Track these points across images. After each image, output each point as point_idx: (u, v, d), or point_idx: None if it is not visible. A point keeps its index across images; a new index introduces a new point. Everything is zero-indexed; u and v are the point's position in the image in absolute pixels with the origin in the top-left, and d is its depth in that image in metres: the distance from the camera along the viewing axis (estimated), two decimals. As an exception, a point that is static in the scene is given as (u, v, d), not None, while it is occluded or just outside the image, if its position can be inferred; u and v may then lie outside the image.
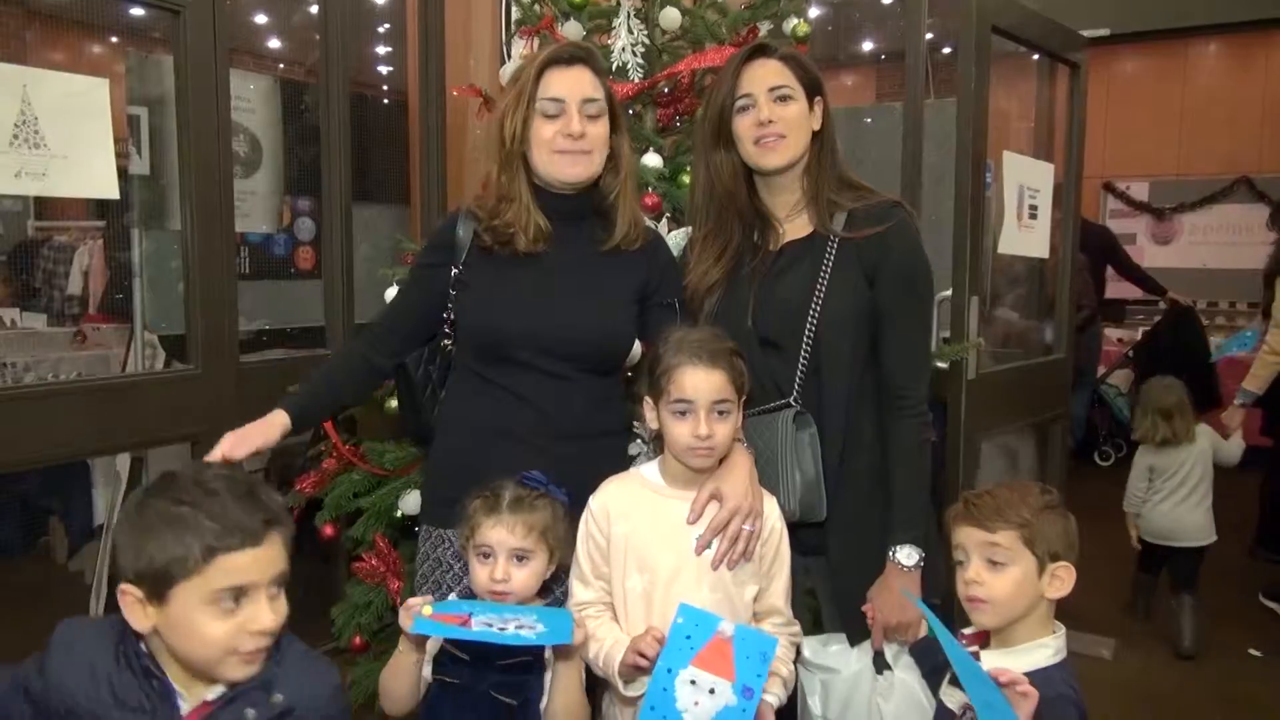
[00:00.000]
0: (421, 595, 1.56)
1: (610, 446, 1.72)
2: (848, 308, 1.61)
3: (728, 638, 1.36)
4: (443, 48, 3.25)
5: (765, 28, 2.31)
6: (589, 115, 1.61)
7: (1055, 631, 1.37)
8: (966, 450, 2.81)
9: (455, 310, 1.71)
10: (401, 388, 1.80)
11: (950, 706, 1.38)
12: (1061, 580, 1.36)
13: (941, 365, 2.67)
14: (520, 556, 1.46)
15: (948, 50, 5.20)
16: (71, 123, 2.31)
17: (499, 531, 1.45)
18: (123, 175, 2.58)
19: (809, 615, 1.77)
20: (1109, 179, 7.34)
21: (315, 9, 3.09)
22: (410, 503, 2.17)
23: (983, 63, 2.81)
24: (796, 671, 1.60)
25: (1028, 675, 1.26)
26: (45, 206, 5.57)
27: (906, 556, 1.57)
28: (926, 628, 1.54)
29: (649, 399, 1.52)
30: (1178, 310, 5.58)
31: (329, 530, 2.31)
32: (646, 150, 2.23)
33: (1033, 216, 3.10)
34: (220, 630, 1.12)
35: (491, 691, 1.43)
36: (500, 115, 1.64)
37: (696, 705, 1.34)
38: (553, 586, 1.59)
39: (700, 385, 1.45)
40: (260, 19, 5.67)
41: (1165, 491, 3.29)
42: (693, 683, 1.35)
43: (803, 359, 1.61)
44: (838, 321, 1.60)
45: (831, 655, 1.65)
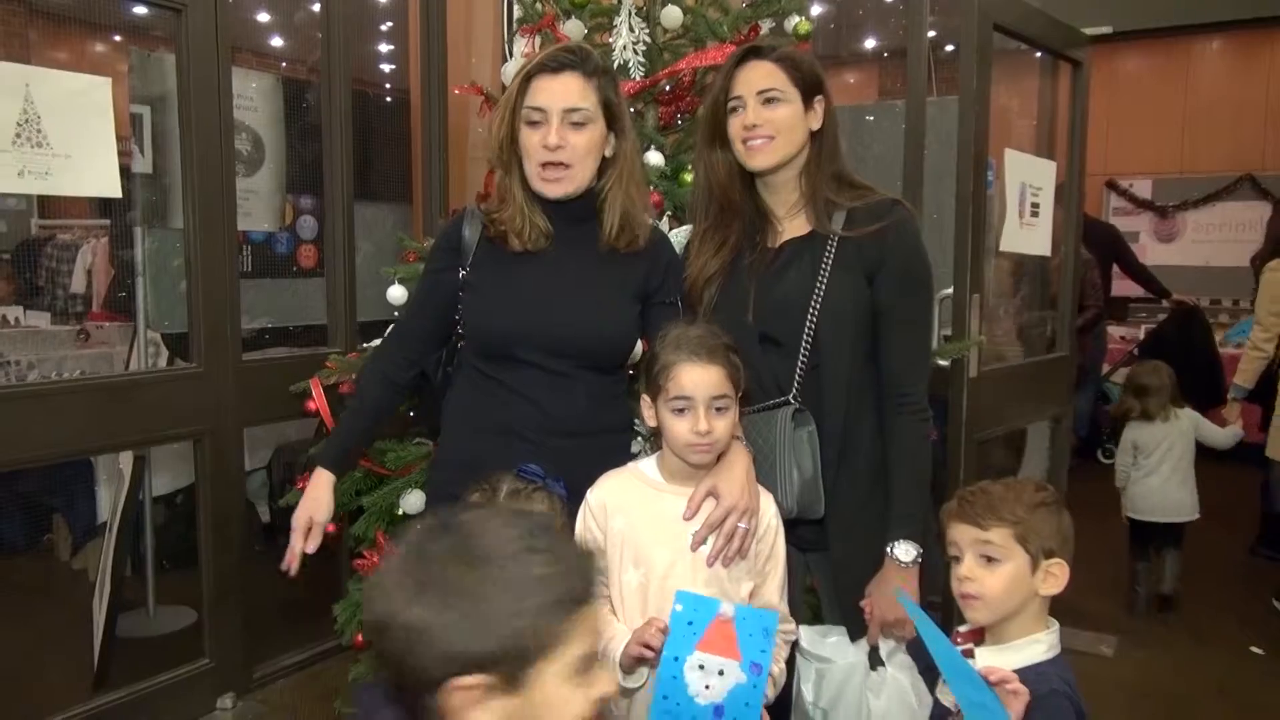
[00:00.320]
0: None
1: (612, 443, 1.72)
2: (847, 305, 1.61)
3: (729, 618, 1.38)
4: (444, 46, 3.25)
5: (767, 25, 2.30)
6: (573, 123, 1.61)
7: (1049, 627, 1.38)
8: (967, 448, 2.81)
9: (461, 310, 1.72)
10: (421, 392, 1.82)
11: (946, 704, 1.38)
12: (1055, 577, 1.36)
13: (943, 363, 2.67)
14: None
15: (950, 48, 5.18)
16: (74, 121, 2.32)
17: None
18: (125, 174, 2.59)
19: (809, 612, 1.78)
20: (1112, 176, 7.33)
21: (317, 7, 3.10)
22: (412, 501, 2.17)
23: (985, 60, 2.81)
24: (793, 657, 1.61)
25: (1021, 672, 1.26)
26: (49, 205, 5.58)
27: (904, 553, 1.57)
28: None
29: (646, 397, 1.53)
30: (1184, 309, 5.57)
31: (331, 528, 2.30)
32: (648, 148, 2.23)
33: (1034, 214, 3.10)
34: (583, 706, 0.91)
35: None
36: (491, 121, 1.68)
37: (708, 688, 1.36)
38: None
39: (698, 381, 1.46)
40: (262, 17, 5.67)
41: (1147, 468, 3.47)
42: (701, 667, 1.37)
43: (802, 356, 1.62)
44: (837, 319, 1.61)
45: (828, 646, 1.66)
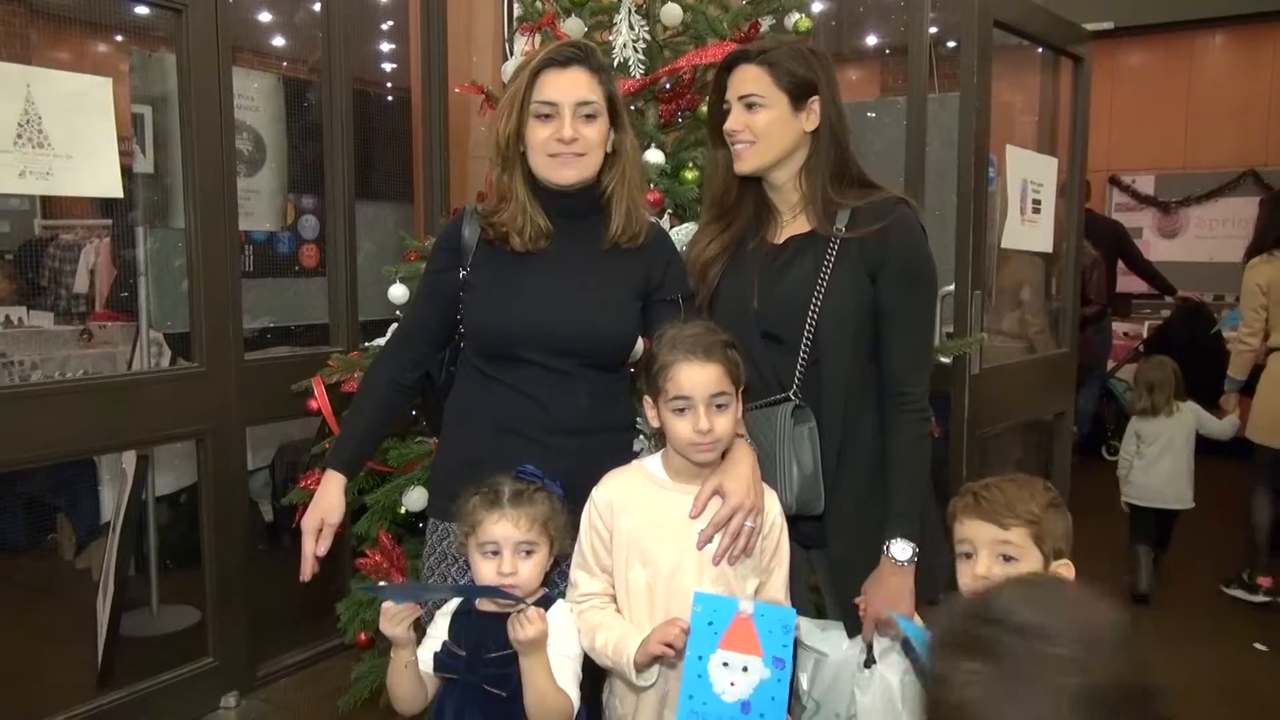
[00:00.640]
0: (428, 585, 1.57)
1: (614, 442, 1.72)
2: (849, 303, 1.61)
3: (748, 616, 1.39)
4: (445, 45, 3.25)
5: (767, 23, 2.30)
6: (584, 116, 1.62)
7: None
8: (969, 445, 2.81)
9: (462, 310, 1.72)
10: (425, 392, 1.81)
11: None
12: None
13: (945, 360, 2.67)
14: (527, 550, 1.47)
15: (951, 44, 5.16)
16: (75, 122, 2.32)
17: (504, 526, 1.45)
18: (127, 174, 2.59)
19: (813, 610, 1.78)
20: (1114, 172, 7.31)
21: (318, 6, 3.10)
22: (414, 499, 2.18)
23: (986, 56, 2.80)
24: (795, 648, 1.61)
25: None
26: (52, 205, 5.59)
27: (900, 551, 1.57)
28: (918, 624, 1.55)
29: (648, 398, 1.53)
30: (1189, 305, 5.55)
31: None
32: (648, 146, 2.23)
33: (1036, 211, 3.10)
34: None
35: (482, 684, 1.45)
36: (495, 118, 1.66)
37: (733, 685, 1.38)
38: (556, 580, 1.60)
39: (697, 380, 1.46)
40: (263, 17, 5.67)
41: (1149, 458, 3.64)
42: (725, 665, 1.38)
43: (803, 352, 1.62)
44: (838, 316, 1.61)
45: (823, 639, 1.67)
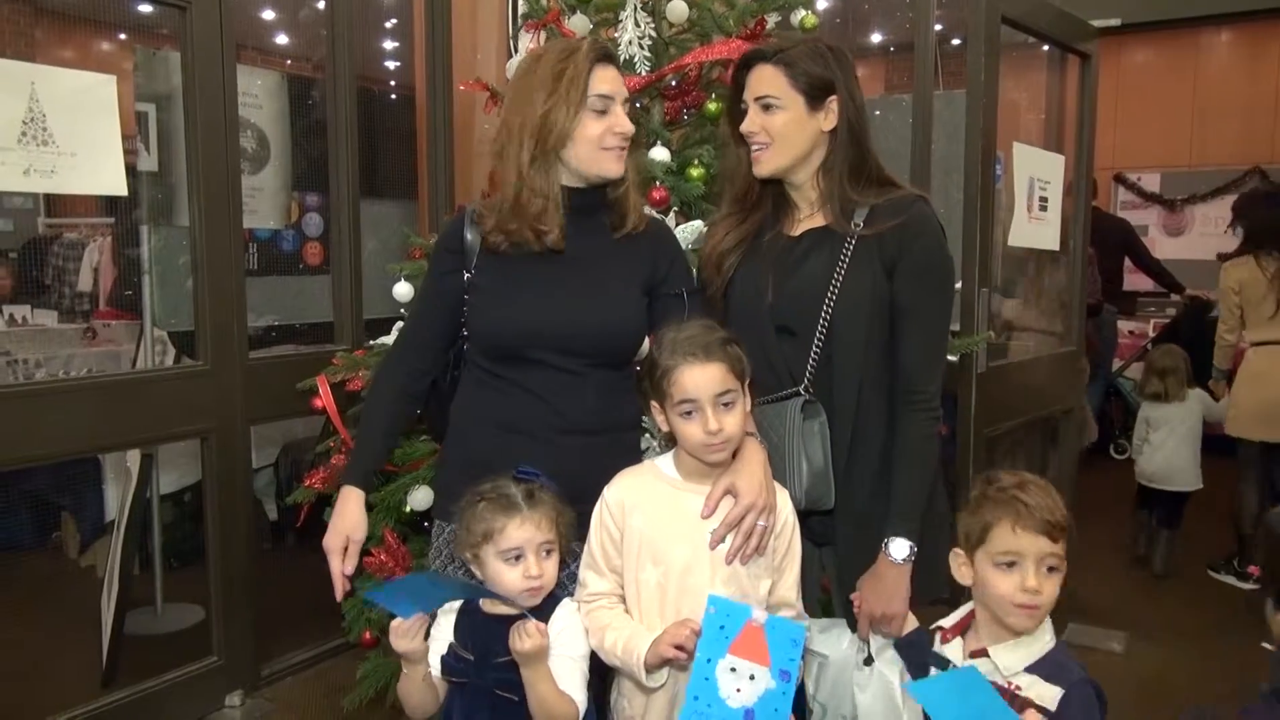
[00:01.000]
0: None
1: (624, 441, 1.70)
2: (864, 298, 1.60)
3: (760, 626, 1.39)
4: (449, 42, 3.24)
5: (773, 20, 2.29)
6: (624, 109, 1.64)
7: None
8: (976, 444, 2.80)
9: (467, 311, 1.70)
10: (429, 397, 1.80)
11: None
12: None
13: (951, 358, 2.66)
14: (547, 550, 1.46)
15: (957, 41, 5.14)
16: (79, 120, 2.31)
17: (527, 529, 1.44)
18: (131, 172, 2.59)
19: (819, 610, 1.77)
20: (1120, 170, 7.30)
21: (322, 4, 3.10)
22: (419, 498, 2.17)
23: (992, 53, 2.79)
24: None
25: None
26: (56, 203, 5.60)
27: (898, 550, 1.56)
28: (913, 623, 1.56)
29: (655, 403, 1.52)
30: (1197, 303, 5.53)
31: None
32: (654, 144, 2.22)
33: (1043, 208, 3.08)
34: None
35: (494, 689, 1.44)
36: (544, 109, 1.57)
37: (739, 691, 1.37)
38: (565, 581, 1.59)
39: (700, 382, 1.45)
40: (267, 15, 5.67)
41: (1156, 442, 3.87)
42: (733, 670, 1.38)
43: (816, 346, 1.61)
44: (853, 311, 1.60)
45: (823, 640, 1.66)
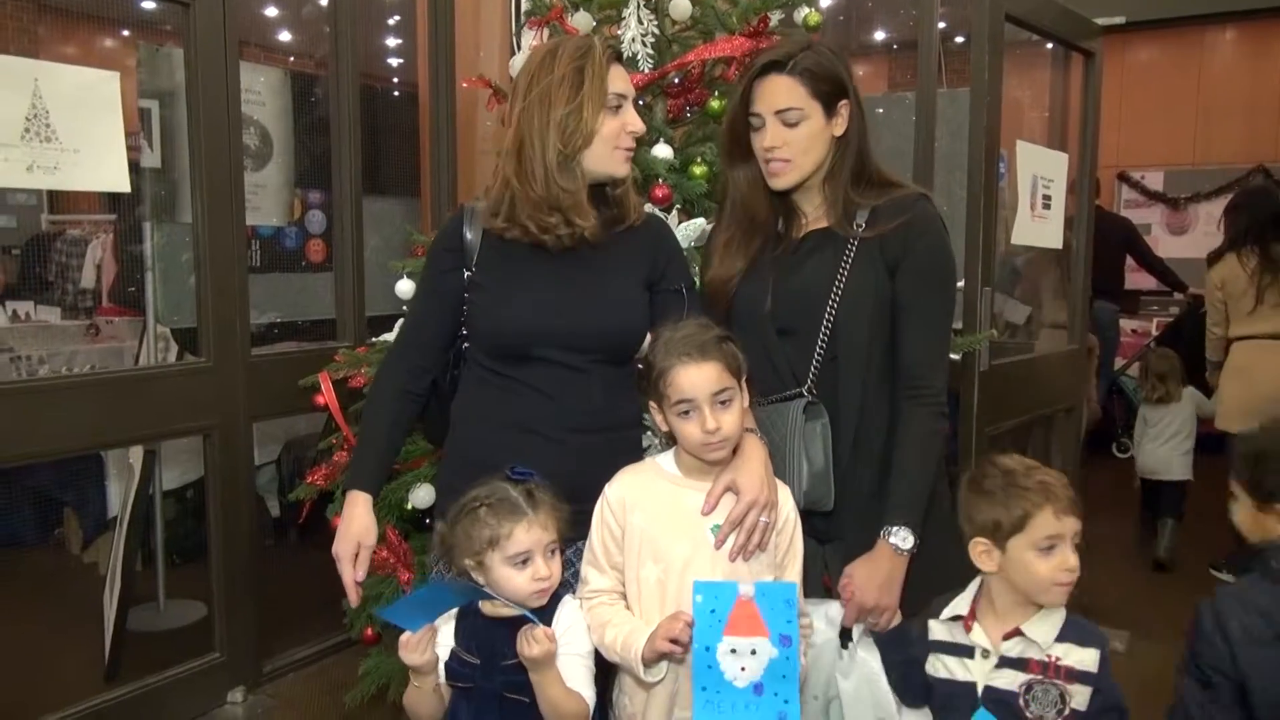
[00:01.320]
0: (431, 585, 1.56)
1: (628, 439, 1.70)
2: (868, 297, 1.60)
3: (750, 597, 1.38)
4: (452, 39, 3.24)
5: (776, 17, 2.28)
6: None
7: None
8: (979, 442, 2.80)
9: (468, 310, 1.69)
10: (430, 398, 1.79)
11: (999, 686, 1.41)
12: None
13: (954, 357, 2.65)
14: (552, 549, 1.46)
15: (961, 39, 5.14)
16: (83, 116, 2.31)
17: (535, 532, 1.43)
18: (134, 169, 2.58)
19: (820, 608, 1.77)
20: (1124, 169, 7.28)
21: (325, 1, 3.09)
22: (420, 496, 2.17)
23: (996, 51, 2.78)
24: None
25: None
26: (59, 200, 5.61)
27: (902, 540, 1.55)
28: (900, 619, 1.55)
29: (653, 404, 1.51)
30: (1200, 301, 5.51)
31: (338, 520, 2.31)
32: (657, 141, 2.21)
33: (1046, 207, 3.07)
34: None
35: (504, 692, 1.43)
36: (569, 108, 1.56)
37: (744, 670, 1.37)
38: (570, 580, 1.58)
39: (696, 381, 1.44)
40: (270, 11, 5.67)
41: (1153, 438, 4.22)
42: (733, 651, 1.37)
43: (819, 347, 1.60)
44: (856, 310, 1.59)
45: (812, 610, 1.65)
